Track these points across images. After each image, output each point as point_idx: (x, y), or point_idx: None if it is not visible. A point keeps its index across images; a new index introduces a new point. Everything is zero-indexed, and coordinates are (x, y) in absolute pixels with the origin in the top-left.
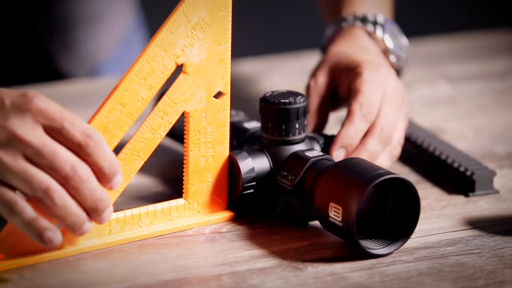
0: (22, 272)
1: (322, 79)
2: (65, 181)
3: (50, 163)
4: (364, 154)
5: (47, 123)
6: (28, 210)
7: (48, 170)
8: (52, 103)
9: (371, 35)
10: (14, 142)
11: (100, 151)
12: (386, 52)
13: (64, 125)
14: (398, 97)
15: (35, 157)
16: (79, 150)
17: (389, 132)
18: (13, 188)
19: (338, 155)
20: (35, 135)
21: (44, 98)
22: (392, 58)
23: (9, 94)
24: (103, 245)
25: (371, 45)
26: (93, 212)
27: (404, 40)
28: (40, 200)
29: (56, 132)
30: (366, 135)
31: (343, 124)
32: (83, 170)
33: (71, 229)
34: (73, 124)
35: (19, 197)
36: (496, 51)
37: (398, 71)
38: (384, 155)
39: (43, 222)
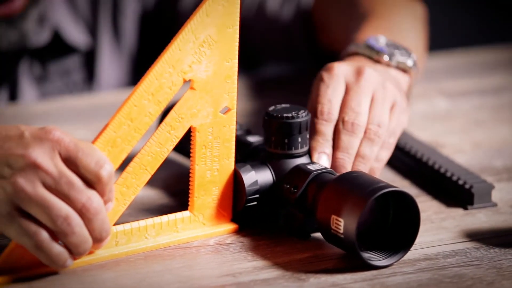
0: (31, 283)
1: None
2: (80, 211)
3: (68, 193)
4: (341, 152)
5: (63, 153)
6: (54, 246)
7: (64, 199)
8: (69, 134)
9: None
10: (34, 170)
11: (111, 182)
12: (374, 56)
13: (78, 155)
14: (362, 81)
15: (53, 186)
16: (92, 180)
17: (351, 120)
18: (33, 219)
19: (319, 161)
20: (54, 164)
21: (62, 130)
22: (385, 58)
23: (28, 128)
24: (109, 256)
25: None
26: (96, 241)
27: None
28: (58, 227)
29: (70, 162)
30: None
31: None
32: (97, 202)
33: (78, 253)
34: (87, 154)
35: (43, 231)
36: (492, 67)
37: (405, 69)
38: (362, 143)
39: (65, 254)
